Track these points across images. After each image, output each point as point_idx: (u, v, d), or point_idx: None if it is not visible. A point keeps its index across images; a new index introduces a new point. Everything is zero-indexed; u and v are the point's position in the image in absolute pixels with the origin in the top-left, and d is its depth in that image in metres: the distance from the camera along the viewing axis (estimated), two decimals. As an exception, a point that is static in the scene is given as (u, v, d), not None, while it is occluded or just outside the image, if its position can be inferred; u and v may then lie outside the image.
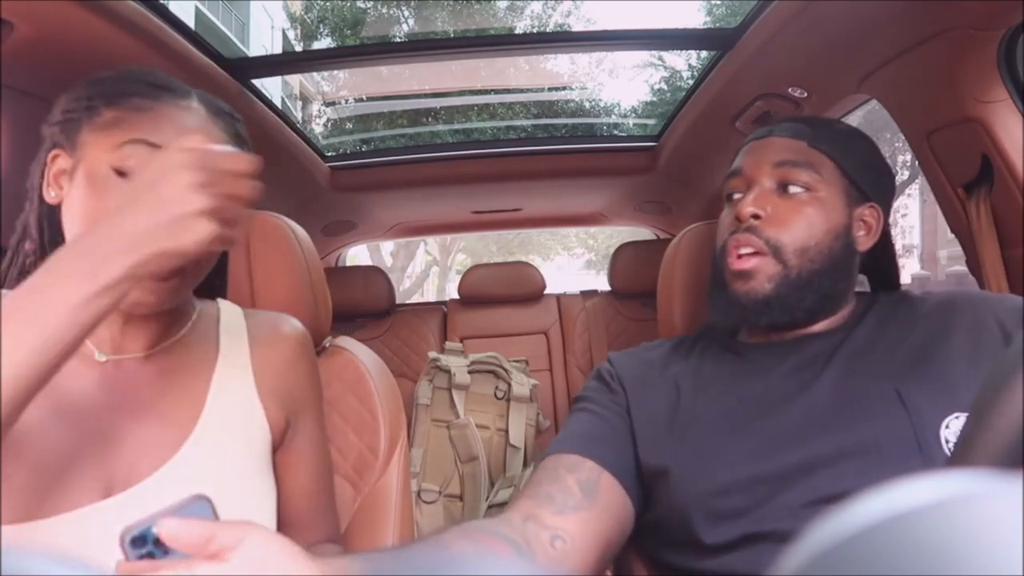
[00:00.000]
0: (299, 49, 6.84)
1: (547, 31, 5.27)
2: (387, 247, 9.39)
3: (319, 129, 5.31)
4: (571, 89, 5.57)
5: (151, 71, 0.60)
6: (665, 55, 5.67)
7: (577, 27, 6.76)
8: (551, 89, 5.19)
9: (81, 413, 0.54)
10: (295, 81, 6.40)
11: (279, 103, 2.15)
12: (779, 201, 0.67)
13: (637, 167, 1.81)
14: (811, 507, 0.57)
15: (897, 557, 0.12)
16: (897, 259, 0.77)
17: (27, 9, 0.75)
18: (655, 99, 6.08)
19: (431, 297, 12.83)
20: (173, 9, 0.95)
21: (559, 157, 1.82)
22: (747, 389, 0.66)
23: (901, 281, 0.79)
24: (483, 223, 2.39)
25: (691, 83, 1.45)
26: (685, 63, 5.51)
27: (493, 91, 3.83)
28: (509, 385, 1.82)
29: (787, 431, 0.61)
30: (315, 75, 4.88)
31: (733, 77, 1.18)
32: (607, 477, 0.64)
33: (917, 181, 9.94)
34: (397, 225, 2.31)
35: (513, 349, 2.01)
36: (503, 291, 2.18)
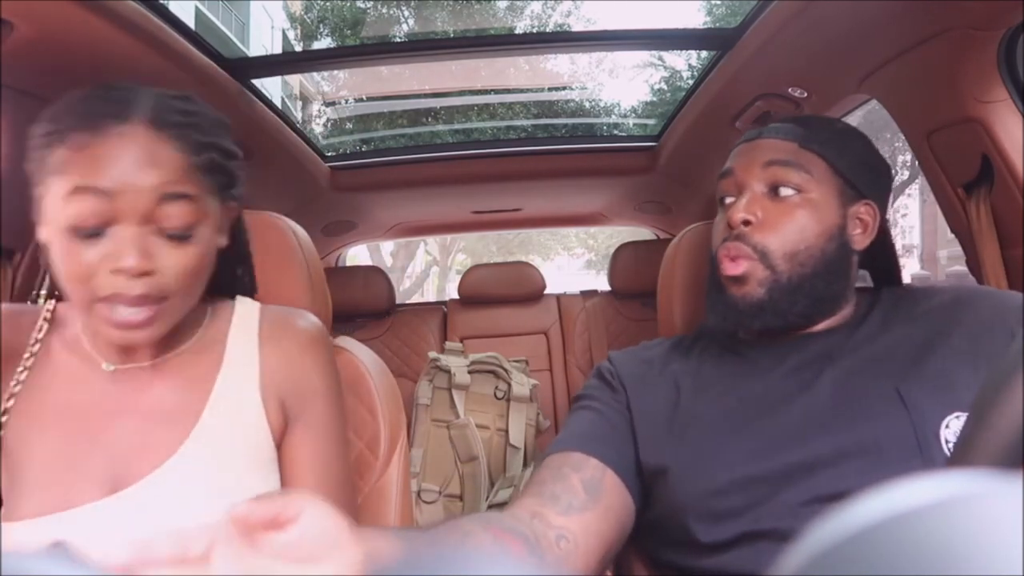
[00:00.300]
0: (299, 49, 6.84)
1: (547, 31, 5.27)
2: (387, 247, 9.39)
3: (319, 129, 5.31)
4: (571, 89, 5.57)
5: (93, 89, 0.56)
6: (665, 55, 5.67)
7: (577, 27, 6.76)
8: (551, 89, 5.19)
9: (84, 417, 0.55)
10: (295, 81, 6.40)
11: (279, 103, 2.15)
12: (770, 205, 0.67)
13: (637, 167, 1.81)
14: (810, 506, 0.57)
15: (897, 557, 0.12)
16: (897, 254, 0.77)
17: (27, 9, 0.75)
18: (655, 99, 6.08)
19: (431, 297, 12.83)
20: (173, 9, 0.95)
21: (559, 157, 1.82)
22: (747, 389, 0.66)
23: (903, 277, 0.78)
24: (483, 223, 2.39)
25: (691, 83, 1.45)
26: (685, 63, 5.51)
27: (493, 91, 3.83)
28: (509, 385, 1.82)
29: (787, 431, 0.61)
30: (315, 75, 4.88)
31: (733, 77, 1.18)
32: (611, 476, 0.65)
33: (917, 181, 9.94)
34: (397, 225, 2.31)
35: (513, 349, 2.01)
36: (503, 291, 2.18)
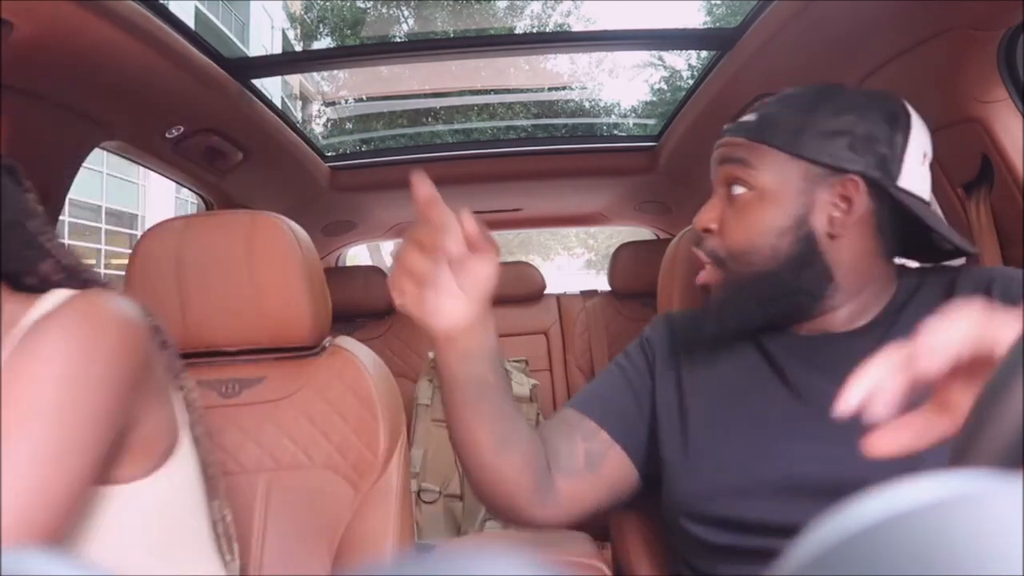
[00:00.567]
0: (299, 49, 6.84)
1: (547, 31, 5.27)
2: (387, 247, 9.36)
3: (319, 129, 5.31)
4: (571, 89, 5.57)
5: None
6: (665, 55, 5.66)
7: (577, 27, 6.76)
8: (551, 89, 5.18)
9: None
10: (295, 81, 6.39)
11: (279, 103, 2.15)
12: (727, 207, 0.66)
13: (637, 167, 1.81)
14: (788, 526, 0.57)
15: (897, 557, 0.12)
16: (936, 222, 0.60)
17: (27, 9, 0.75)
18: (655, 99, 6.08)
19: (431, 297, 12.80)
20: (173, 9, 0.95)
21: (559, 157, 1.82)
22: (743, 389, 0.65)
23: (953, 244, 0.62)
24: (483, 223, 2.39)
25: (691, 83, 1.45)
26: (685, 63, 5.50)
27: (493, 91, 3.83)
28: (509, 385, 1.82)
29: (773, 438, 0.60)
30: (315, 75, 4.88)
31: (733, 77, 1.18)
32: (616, 451, 0.68)
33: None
34: (397, 225, 2.31)
35: (513, 349, 2.01)
36: (503, 291, 2.16)
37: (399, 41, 4.48)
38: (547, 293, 2.24)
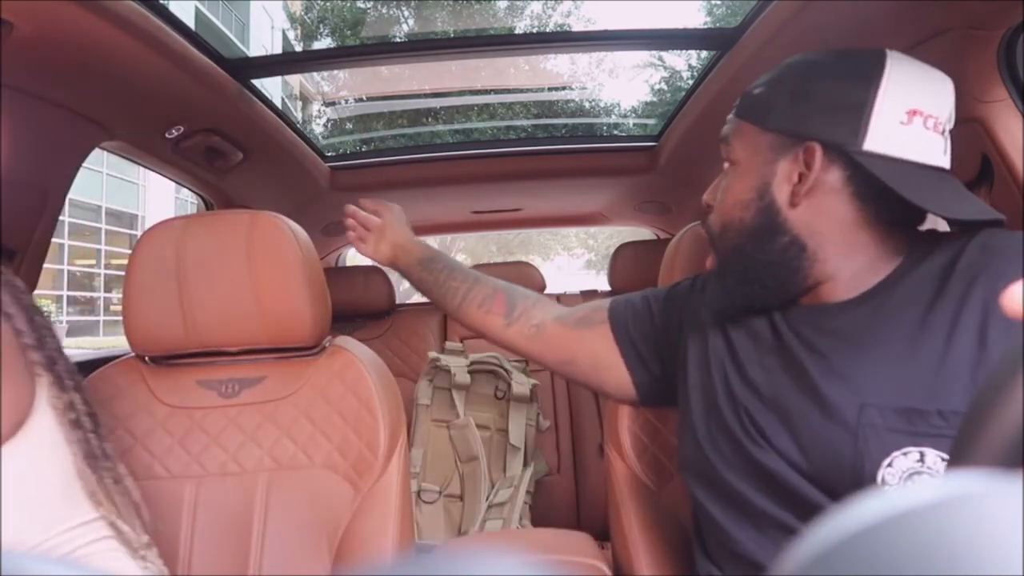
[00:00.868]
0: (299, 49, 6.84)
1: (547, 31, 5.26)
2: (387, 247, 9.35)
3: (319, 129, 5.30)
4: (571, 89, 5.56)
5: None
6: (665, 55, 5.65)
7: (577, 27, 6.76)
8: (551, 89, 5.17)
9: None
10: (295, 81, 6.39)
11: (279, 103, 2.15)
12: (720, 184, 0.69)
13: (637, 167, 1.81)
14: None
15: (897, 557, 0.12)
16: (905, 184, 0.55)
17: (27, 9, 0.75)
18: (655, 99, 6.08)
19: (431, 297, 12.81)
20: (173, 9, 0.95)
21: (559, 157, 1.81)
22: (744, 359, 0.65)
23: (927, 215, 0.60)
24: (483, 223, 2.39)
25: (691, 83, 1.45)
26: (685, 63, 5.50)
27: (493, 91, 3.82)
28: (509, 385, 1.82)
29: (745, 422, 0.62)
30: (315, 75, 4.87)
31: (733, 77, 1.17)
32: (610, 343, 0.79)
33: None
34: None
35: (513, 349, 2.01)
36: None
37: (399, 41, 4.47)
38: (547, 293, 2.24)
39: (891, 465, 0.52)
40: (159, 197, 13.27)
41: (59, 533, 0.60)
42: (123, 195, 13.47)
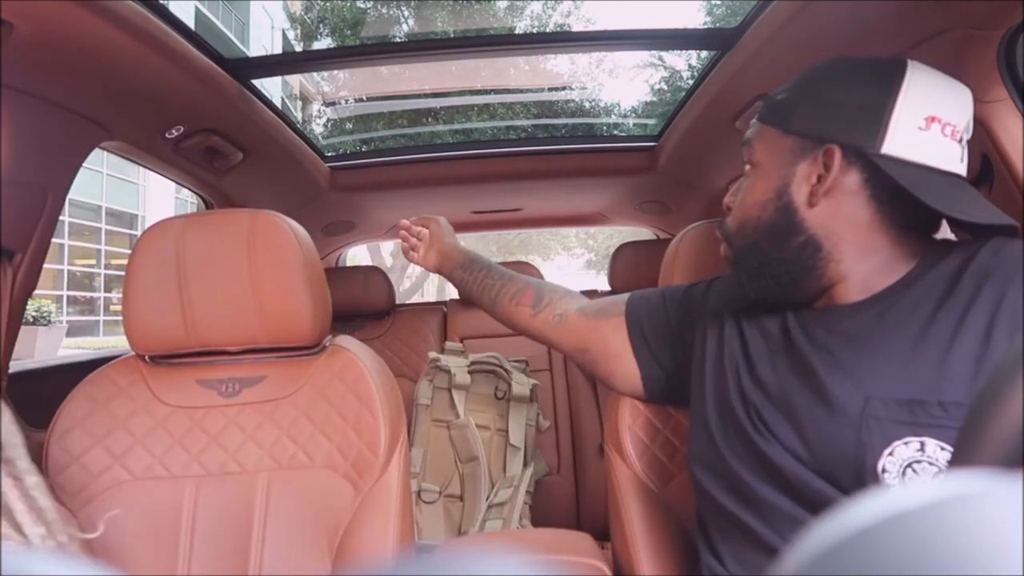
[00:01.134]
0: (299, 49, 6.84)
1: (547, 31, 5.27)
2: (387, 247, 9.38)
3: (319, 129, 5.31)
4: (571, 89, 5.57)
5: None
6: (665, 55, 5.66)
7: (577, 27, 6.76)
8: (551, 89, 5.18)
9: None
10: (295, 81, 6.39)
11: (279, 103, 2.15)
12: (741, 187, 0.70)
13: (637, 167, 1.81)
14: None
15: (897, 557, 0.12)
16: (924, 189, 0.55)
17: (27, 9, 0.75)
18: (655, 99, 6.08)
19: (431, 297, 12.84)
20: (173, 9, 0.95)
21: (559, 157, 1.81)
22: (756, 359, 0.67)
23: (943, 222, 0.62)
24: (483, 223, 2.39)
25: (691, 83, 1.45)
26: (685, 63, 5.50)
27: (493, 91, 3.83)
28: (509, 385, 1.82)
29: (754, 418, 0.63)
30: (315, 75, 4.87)
31: (733, 77, 1.17)
32: (622, 334, 0.83)
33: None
34: (397, 225, 2.31)
35: (513, 349, 2.01)
36: None
37: (399, 41, 4.48)
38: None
39: (892, 454, 0.53)
40: (159, 197, 13.28)
41: None
42: (123, 195, 13.47)
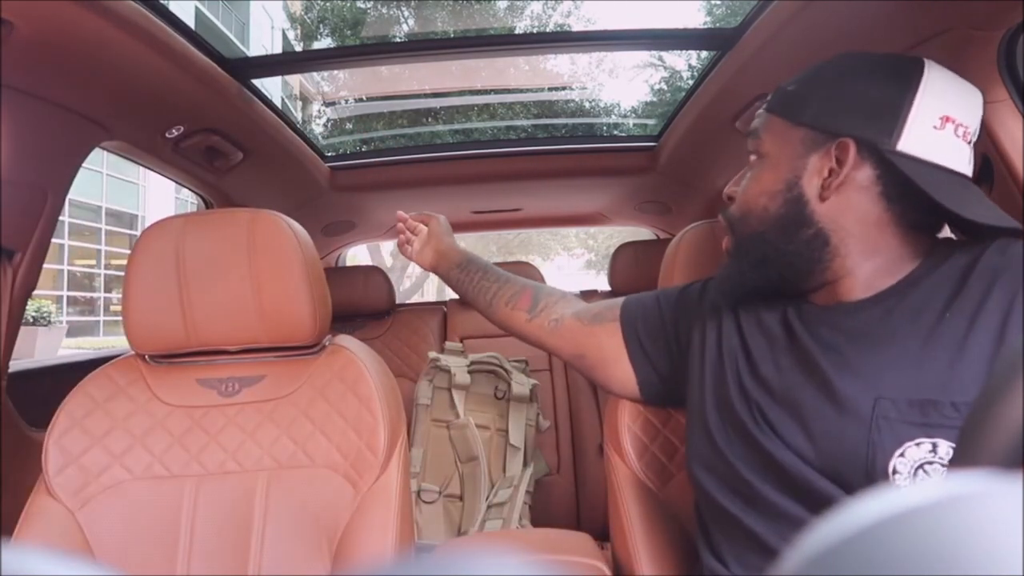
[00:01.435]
0: (299, 49, 6.84)
1: (547, 31, 5.26)
2: (387, 247, 9.38)
3: (319, 129, 5.30)
4: (571, 89, 5.56)
5: None
6: (665, 55, 5.66)
7: (577, 27, 6.76)
8: (551, 89, 5.17)
9: None
10: (295, 81, 6.39)
11: (279, 103, 2.15)
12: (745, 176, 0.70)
13: (637, 167, 1.81)
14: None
15: (897, 557, 0.12)
16: (937, 188, 0.55)
17: (27, 9, 0.75)
18: (655, 99, 6.07)
19: (431, 297, 12.83)
20: (173, 9, 0.95)
21: (559, 157, 1.81)
22: (756, 355, 0.67)
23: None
24: (483, 223, 2.39)
25: (691, 83, 1.45)
26: (685, 63, 5.50)
27: (493, 91, 3.83)
28: (509, 385, 1.82)
29: (757, 417, 0.63)
30: (315, 75, 4.87)
31: (733, 77, 1.17)
32: (618, 341, 0.82)
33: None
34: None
35: (513, 349, 2.01)
36: None
37: (399, 41, 4.47)
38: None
39: (903, 455, 0.52)
40: (159, 197, 13.28)
41: None
42: (123, 195, 13.47)
